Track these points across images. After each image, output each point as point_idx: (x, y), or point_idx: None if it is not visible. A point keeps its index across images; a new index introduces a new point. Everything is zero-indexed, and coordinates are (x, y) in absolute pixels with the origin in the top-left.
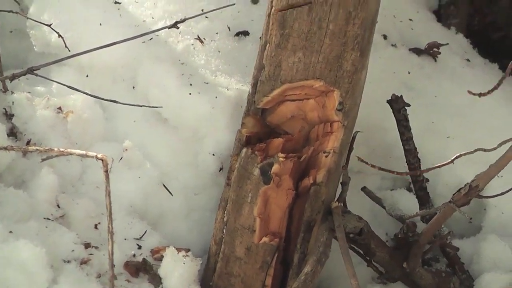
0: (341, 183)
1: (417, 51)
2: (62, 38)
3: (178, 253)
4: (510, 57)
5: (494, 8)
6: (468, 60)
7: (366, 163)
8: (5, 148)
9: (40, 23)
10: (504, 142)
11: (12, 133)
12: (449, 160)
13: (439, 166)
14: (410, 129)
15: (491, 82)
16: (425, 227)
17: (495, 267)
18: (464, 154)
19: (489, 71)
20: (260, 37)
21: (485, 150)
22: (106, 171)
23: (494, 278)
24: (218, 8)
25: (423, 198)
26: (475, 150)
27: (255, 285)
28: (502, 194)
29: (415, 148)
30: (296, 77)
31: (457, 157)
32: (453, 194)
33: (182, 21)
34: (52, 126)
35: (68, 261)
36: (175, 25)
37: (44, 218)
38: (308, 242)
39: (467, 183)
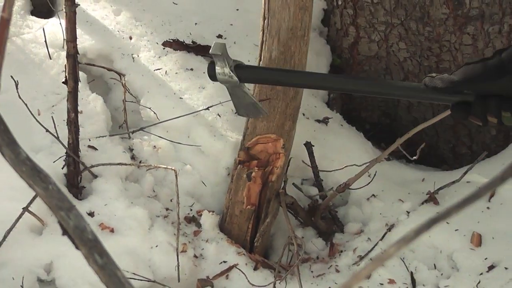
0: (283, 181)
1: (318, 121)
2: (156, 113)
3: (209, 213)
4: (362, 125)
5: (354, 102)
6: (341, 125)
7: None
8: (130, 164)
9: (145, 107)
10: (367, 163)
11: (133, 157)
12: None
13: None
14: (314, 155)
15: (350, 136)
16: (322, 202)
17: (354, 220)
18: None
19: (350, 130)
20: None
21: (356, 165)
22: (176, 175)
23: (352, 225)
24: (227, 101)
25: (320, 188)
26: (346, 166)
27: (244, 228)
28: (359, 188)
29: (316, 165)
30: (263, 133)
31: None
32: (337, 186)
33: (211, 106)
34: (151, 155)
35: (158, 216)
36: (207, 108)
37: (147, 196)
38: (268, 208)
39: (344, 182)
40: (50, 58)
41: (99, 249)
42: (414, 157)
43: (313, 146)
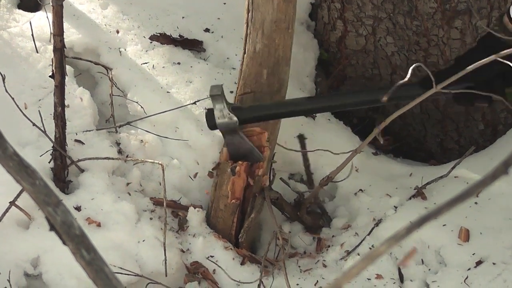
0: (270, 176)
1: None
2: (143, 108)
3: (194, 208)
4: (350, 119)
5: None
6: (329, 119)
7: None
8: (117, 158)
9: (132, 101)
10: (346, 152)
11: (119, 152)
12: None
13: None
14: (306, 148)
15: (338, 130)
16: (308, 195)
17: (341, 215)
18: (320, 150)
19: (338, 124)
20: None
21: (333, 153)
22: (163, 170)
23: (339, 220)
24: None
25: (311, 182)
26: (318, 149)
27: (228, 222)
28: (342, 180)
29: (308, 158)
30: (248, 126)
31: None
32: (321, 180)
33: (198, 101)
34: (138, 149)
35: (145, 211)
36: (194, 103)
37: (134, 191)
38: (253, 203)
39: (327, 175)
40: (37, 52)
41: (86, 244)
42: (383, 143)
43: (306, 138)
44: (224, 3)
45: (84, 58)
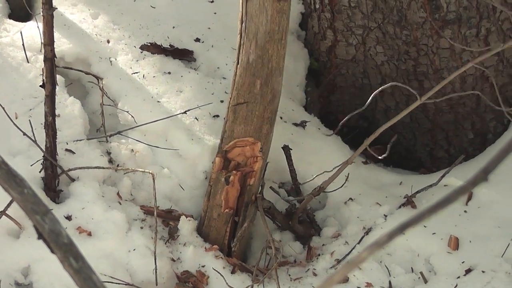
0: (261, 185)
1: (296, 124)
2: (133, 117)
3: (186, 218)
4: (340, 128)
5: (332, 105)
6: (319, 128)
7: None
8: (107, 168)
9: (123, 110)
10: (337, 167)
11: (110, 161)
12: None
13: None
14: (291, 159)
15: (328, 139)
16: (299, 205)
17: (330, 224)
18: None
19: (328, 133)
20: (224, 118)
21: (327, 171)
22: (153, 179)
23: (330, 229)
24: (205, 104)
25: (298, 192)
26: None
27: (222, 231)
28: (333, 191)
29: (294, 169)
30: (241, 136)
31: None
32: (313, 190)
33: (188, 110)
34: (128, 158)
35: (135, 220)
36: (185, 112)
37: (125, 200)
38: (246, 212)
39: (319, 185)
40: (28, 62)
41: (74, 253)
42: (384, 155)
43: (291, 149)
44: (215, 13)
45: (75, 67)
